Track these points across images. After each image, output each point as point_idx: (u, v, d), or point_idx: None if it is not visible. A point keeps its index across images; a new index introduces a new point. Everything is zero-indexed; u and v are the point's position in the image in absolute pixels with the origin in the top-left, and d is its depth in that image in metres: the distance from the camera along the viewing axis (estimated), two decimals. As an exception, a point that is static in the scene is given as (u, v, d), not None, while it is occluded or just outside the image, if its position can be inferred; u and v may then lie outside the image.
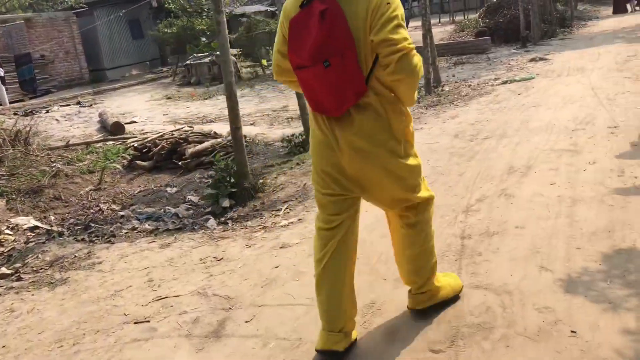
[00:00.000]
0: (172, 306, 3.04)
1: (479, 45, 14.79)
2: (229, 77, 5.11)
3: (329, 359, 2.25)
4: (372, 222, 3.62)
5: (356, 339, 2.39)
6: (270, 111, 10.31)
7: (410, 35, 2.09)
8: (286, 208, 4.62)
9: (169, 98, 13.98)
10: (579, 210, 3.48)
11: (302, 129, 6.52)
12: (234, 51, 18.42)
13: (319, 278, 2.28)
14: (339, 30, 1.98)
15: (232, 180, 5.24)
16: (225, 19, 5.08)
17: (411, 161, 2.25)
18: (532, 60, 10.97)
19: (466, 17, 27.45)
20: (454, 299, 2.60)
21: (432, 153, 5.35)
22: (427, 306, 2.49)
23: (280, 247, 3.70)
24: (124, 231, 4.81)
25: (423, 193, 2.34)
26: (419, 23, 9.29)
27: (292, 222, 4.21)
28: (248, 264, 3.51)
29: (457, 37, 20.24)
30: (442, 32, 22.16)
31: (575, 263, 2.85)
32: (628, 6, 20.18)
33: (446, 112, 7.36)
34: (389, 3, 1.99)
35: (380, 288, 2.90)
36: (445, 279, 2.60)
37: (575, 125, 5.45)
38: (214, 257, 3.72)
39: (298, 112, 7.44)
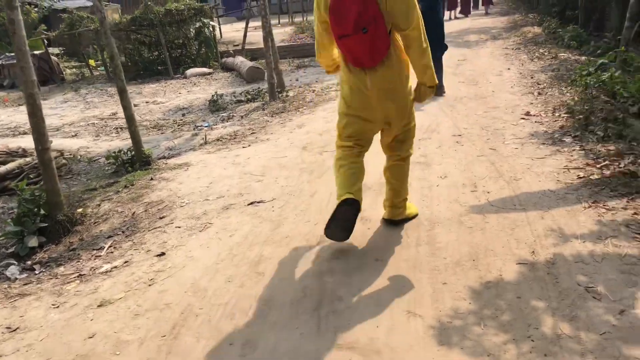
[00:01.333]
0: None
1: (319, 48, 14.80)
2: (30, 88, 4.14)
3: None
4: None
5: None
6: (97, 119, 9.16)
7: (251, 36, 1.65)
8: (110, 246, 3.85)
9: (-28, 105, 11.94)
10: (439, 234, 3.24)
11: (130, 142, 5.68)
12: (55, 50, 16.47)
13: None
14: (370, 5, 2.69)
15: (42, 212, 4.30)
16: (20, 17, 4.10)
17: (410, 96, 3.09)
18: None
19: (305, 18, 27.77)
20: (414, 217, 3.50)
21: (281, 169, 4.89)
22: (399, 219, 3.43)
23: (99, 306, 2.96)
24: None
25: (414, 119, 3.24)
26: (259, 23, 8.83)
27: (115, 267, 3.46)
28: (53, 334, 2.72)
29: (298, 39, 20.24)
30: (282, 33, 22.03)
31: (444, 303, 2.55)
32: (448, 14, 21.75)
33: (292, 121, 6.99)
34: None
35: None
36: (409, 205, 3.51)
37: (422, 134, 5.35)
38: (7, 328, 2.86)
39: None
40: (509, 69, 8.91)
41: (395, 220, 3.44)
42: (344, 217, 2.94)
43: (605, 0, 17.46)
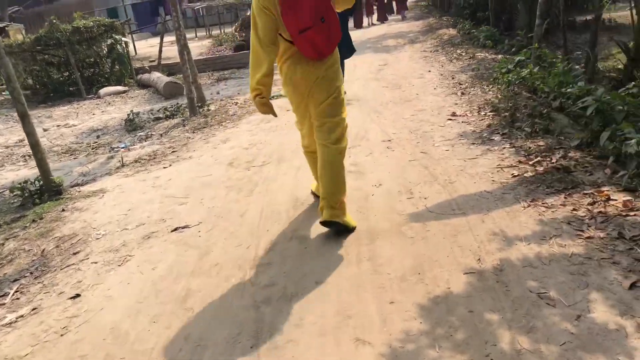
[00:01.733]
0: None
1: (239, 60, 14.47)
2: None
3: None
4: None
5: None
6: (2, 147, 8.39)
7: (167, 51, 1.36)
8: (16, 291, 3.38)
9: None
10: (380, 248, 3.04)
11: (37, 171, 5.15)
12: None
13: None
14: None
15: None
16: None
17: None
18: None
19: (223, 31, 27.33)
20: (352, 229, 3.31)
21: (205, 189, 4.55)
22: (337, 220, 3.21)
23: (1, 369, 2.54)
24: None
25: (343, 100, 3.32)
26: (175, 38, 8.40)
27: (22, 316, 3.02)
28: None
29: (217, 52, 19.81)
30: (199, 46, 21.53)
31: (394, 325, 2.34)
32: (366, 21, 22.01)
33: (216, 136, 6.65)
34: None
35: None
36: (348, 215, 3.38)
37: (351, 142, 5.18)
38: None
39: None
40: (429, 71, 8.98)
41: (335, 221, 3.22)
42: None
43: (512, 1, 18.27)
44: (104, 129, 8.73)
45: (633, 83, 6.73)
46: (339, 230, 3.26)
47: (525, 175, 3.68)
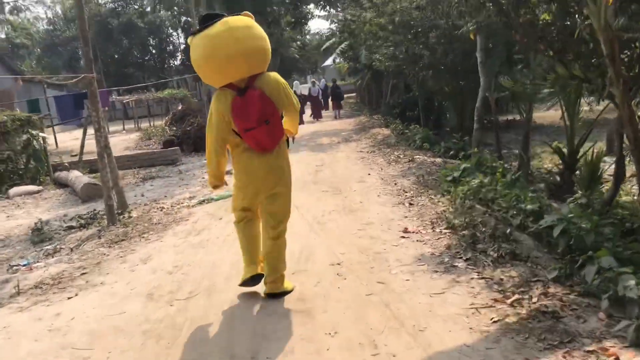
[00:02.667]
0: None
1: (168, 156, 13.77)
2: None
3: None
4: None
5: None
6: None
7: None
8: None
9: None
10: None
11: None
12: None
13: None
14: (268, 103, 3.59)
15: None
16: None
17: (289, 168, 3.98)
18: (227, 173, 10.28)
19: (152, 124, 26.69)
20: (291, 291, 3.95)
21: (117, 336, 3.64)
22: (279, 292, 3.88)
23: None
24: None
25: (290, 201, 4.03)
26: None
27: None
28: None
29: (145, 146, 19.03)
30: (127, 140, 20.72)
31: None
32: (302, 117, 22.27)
33: (135, 252, 5.77)
34: (283, 86, 3.79)
35: None
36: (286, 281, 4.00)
37: (295, 266, 4.50)
38: None
39: None
40: (369, 174, 8.63)
41: (276, 293, 3.88)
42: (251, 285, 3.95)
43: (440, 103, 18.94)
44: (6, 239, 7.59)
45: (580, 193, 6.61)
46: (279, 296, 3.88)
47: (507, 320, 3.10)
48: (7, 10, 45.77)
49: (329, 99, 24.73)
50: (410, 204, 6.24)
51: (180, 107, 22.51)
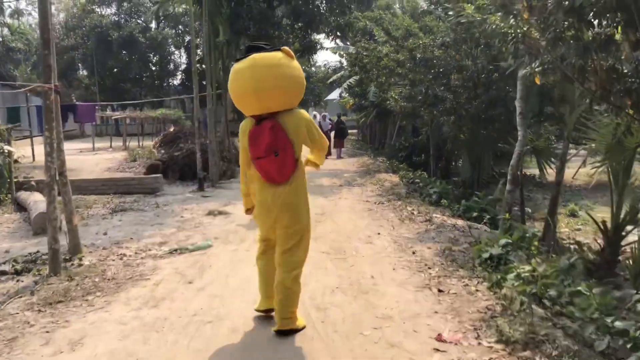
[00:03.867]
0: None
1: (148, 184, 12.27)
2: None
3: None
4: None
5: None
6: None
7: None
8: None
9: None
10: None
11: None
12: None
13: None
14: (280, 136, 3.62)
15: None
16: None
17: (305, 206, 3.93)
18: (210, 214, 8.83)
19: (141, 144, 25.26)
20: (302, 328, 3.90)
21: None
22: (288, 329, 3.82)
23: None
24: None
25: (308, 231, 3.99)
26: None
27: None
28: None
29: (128, 169, 17.54)
30: (110, 159, 19.21)
31: None
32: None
33: (68, 326, 4.25)
34: (305, 122, 3.81)
35: None
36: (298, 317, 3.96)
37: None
38: None
39: None
40: (379, 233, 7.19)
41: (285, 330, 3.79)
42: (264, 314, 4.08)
43: (451, 151, 17.67)
44: None
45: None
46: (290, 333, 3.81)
47: None
48: (7, 13, 44.86)
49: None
50: (440, 290, 4.76)
51: (172, 129, 21.08)
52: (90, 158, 20.23)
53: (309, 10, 15.31)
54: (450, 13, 10.55)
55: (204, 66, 14.76)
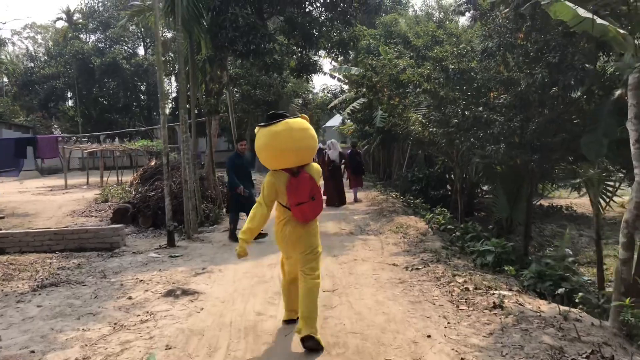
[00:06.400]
0: None
1: (106, 237, 9.56)
2: None
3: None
4: None
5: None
6: None
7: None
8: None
9: None
10: None
11: None
12: None
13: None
14: (314, 184, 4.47)
15: None
16: None
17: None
18: (170, 294, 6.08)
19: (120, 179, 22.64)
20: (322, 348, 4.32)
21: None
22: (314, 336, 4.30)
23: None
24: None
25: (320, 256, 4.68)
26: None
27: None
28: None
29: (96, 212, 14.84)
30: (78, 200, 16.52)
31: None
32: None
33: None
34: (320, 174, 4.74)
35: None
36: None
37: None
38: None
39: None
40: (429, 336, 4.50)
41: (312, 336, 4.29)
42: (310, 347, 4.31)
43: (475, 183, 15.04)
44: None
45: None
46: (313, 347, 4.27)
47: None
48: (-12, 42, 42.69)
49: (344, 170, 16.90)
50: None
51: (152, 163, 18.40)
52: (56, 198, 17.53)
53: (307, 20, 12.80)
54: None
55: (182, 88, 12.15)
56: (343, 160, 14.81)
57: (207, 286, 6.35)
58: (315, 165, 4.67)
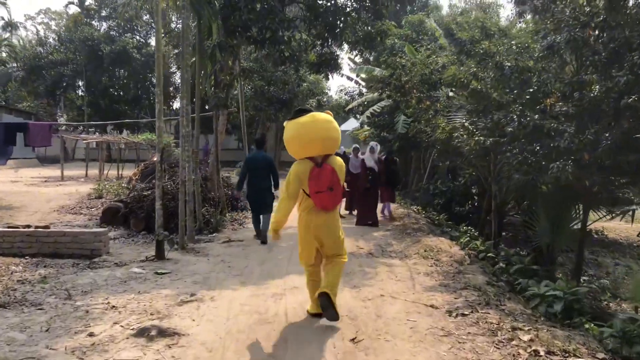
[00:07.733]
0: None
1: (86, 243, 8.19)
2: None
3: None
4: None
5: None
6: None
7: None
8: None
9: None
10: None
11: None
12: None
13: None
14: (335, 176, 4.81)
15: None
16: None
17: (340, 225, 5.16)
18: (143, 333, 4.64)
19: (120, 173, 21.38)
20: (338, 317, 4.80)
21: None
22: (331, 297, 4.73)
23: None
24: None
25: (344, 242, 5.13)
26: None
27: None
28: None
29: (87, 208, 13.52)
30: (71, 194, 15.21)
31: None
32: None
33: None
34: (343, 168, 5.10)
35: None
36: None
37: None
38: None
39: None
40: None
41: (330, 296, 4.70)
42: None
43: (504, 202, 13.54)
44: None
45: None
46: (329, 314, 4.71)
47: None
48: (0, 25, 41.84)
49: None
50: None
51: (155, 158, 17.04)
52: (48, 191, 16.23)
53: (331, 9, 11.38)
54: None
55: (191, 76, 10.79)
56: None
57: (193, 322, 4.92)
58: (339, 159, 5.04)
